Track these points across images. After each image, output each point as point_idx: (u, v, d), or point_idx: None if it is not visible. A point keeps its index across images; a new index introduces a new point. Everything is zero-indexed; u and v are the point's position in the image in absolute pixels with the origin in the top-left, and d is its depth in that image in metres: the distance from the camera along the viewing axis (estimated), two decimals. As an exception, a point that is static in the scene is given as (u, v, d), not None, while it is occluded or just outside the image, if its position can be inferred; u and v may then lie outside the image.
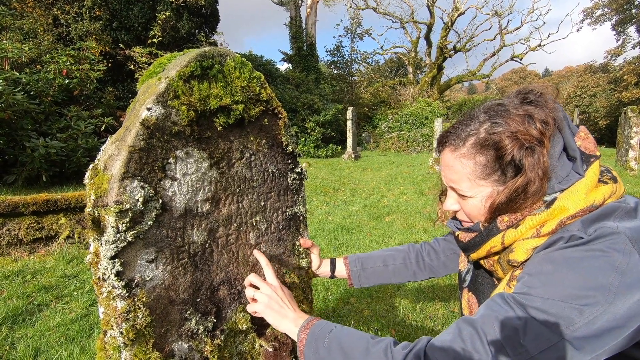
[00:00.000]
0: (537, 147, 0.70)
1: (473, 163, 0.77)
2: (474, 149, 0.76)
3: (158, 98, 0.82)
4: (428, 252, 1.22)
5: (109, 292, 0.79)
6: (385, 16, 24.19)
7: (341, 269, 1.26)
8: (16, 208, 3.09)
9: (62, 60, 5.78)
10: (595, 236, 0.64)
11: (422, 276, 1.23)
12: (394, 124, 17.91)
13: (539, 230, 0.72)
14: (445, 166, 0.84)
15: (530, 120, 0.72)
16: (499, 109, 0.76)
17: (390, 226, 4.56)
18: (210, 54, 0.91)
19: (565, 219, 0.69)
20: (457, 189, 0.82)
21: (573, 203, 0.69)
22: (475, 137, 0.76)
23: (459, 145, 0.79)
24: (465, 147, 0.78)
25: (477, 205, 0.80)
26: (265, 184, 1.09)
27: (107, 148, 0.86)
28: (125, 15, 8.92)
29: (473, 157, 0.77)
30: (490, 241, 0.78)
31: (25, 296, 2.46)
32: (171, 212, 0.87)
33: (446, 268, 1.21)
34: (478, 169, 0.77)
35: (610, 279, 0.60)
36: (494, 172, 0.75)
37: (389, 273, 1.23)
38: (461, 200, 0.85)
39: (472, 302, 0.91)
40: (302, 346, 0.84)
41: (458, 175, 0.80)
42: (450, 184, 0.84)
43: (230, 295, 1.02)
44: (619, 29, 24.28)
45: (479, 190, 0.78)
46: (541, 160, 0.70)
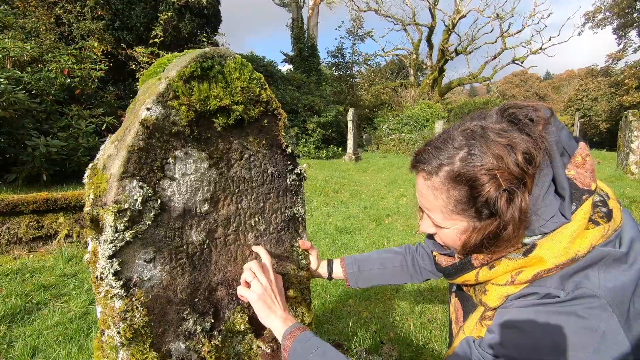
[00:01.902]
0: (516, 190, 0.63)
1: (446, 197, 0.70)
2: (447, 181, 0.69)
3: (158, 98, 0.83)
4: (422, 256, 1.22)
5: (106, 291, 0.79)
6: (387, 18, 24.22)
7: (338, 271, 1.26)
8: (16, 207, 3.09)
9: (63, 59, 5.79)
10: (572, 297, 0.60)
11: (419, 279, 1.23)
12: (394, 125, 17.91)
13: (514, 278, 0.67)
14: (418, 192, 0.78)
15: (512, 152, 0.63)
16: (478, 134, 0.67)
17: (390, 228, 4.55)
18: (211, 55, 0.91)
19: (542, 272, 0.64)
20: (431, 217, 0.77)
21: (553, 256, 0.63)
22: (449, 168, 0.68)
23: (432, 175, 0.71)
24: (438, 177, 0.70)
25: (451, 236, 0.76)
26: (265, 184, 1.09)
27: (107, 147, 0.87)
28: (128, 15, 8.94)
29: (446, 190, 0.69)
30: (464, 275, 0.77)
31: (24, 295, 2.46)
32: (170, 212, 0.87)
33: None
34: (451, 203, 0.70)
35: (584, 346, 0.57)
36: (468, 208, 0.69)
37: (386, 275, 1.24)
38: (437, 230, 0.80)
39: (457, 308, 0.91)
40: (286, 355, 0.86)
41: (431, 205, 0.74)
42: (425, 210, 0.79)
43: (229, 295, 1.02)
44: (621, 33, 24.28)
45: (453, 223, 0.73)
46: (520, 204, 0.63)
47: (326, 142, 14.66)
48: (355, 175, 9.60)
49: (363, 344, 1.97)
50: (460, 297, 0.90)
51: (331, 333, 2.08)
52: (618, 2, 22.79)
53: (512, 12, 22.64)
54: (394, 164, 11.83)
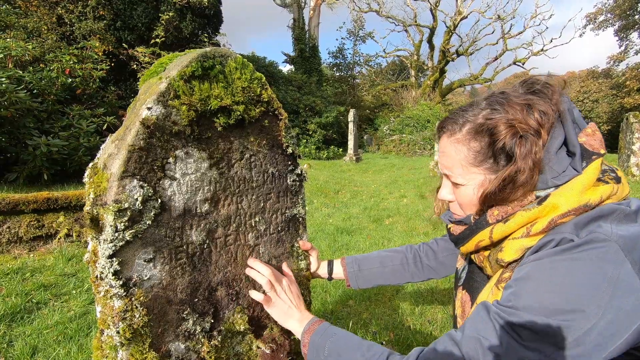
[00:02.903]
0: (532, 137, 0.68)
1: (467, 149, 0.76)
2: (469, 134, 0.75)
3: (158, 98, 0.83)
4: (426, 253, 1.22)
5: (106, 291, 0.79)
6: (388, 19, 24.24)
7: (338, 271, 1.26)
8: (17, 206, 3.09)
9: (65, 59, 5.80)
10: (586, 240, 0.61)
11: (420, 277, 1.22)
12: (395, 126, 17.92)
13: (529, 229, 0.69)
14: (441, 152, 0.84)
15: (530, 109, 0.70)
16: (500, 96, 0.75)
17: (391, 229, 4.55)
18: (212, 55, 0.91)
19: (556, 218, 0.66)
20: (451, 175, 0.81)
21: (566, 201, 0.66)
22: (472, 123, 0.75)
23: (455, 131, 0.78)
24: (461, 132, 0.77)
25: (469, 195, 0.78)
26: (265, 185, 1.09)
27: (107, 147, 0.86)
28: (129, 15, 8.96)
29: (467, 142, 0.75)
30: (478, 234, 0.76)
31: (24, 294, 2.46)
32: (170, 212, 0.87)
33: (445, 268, 1.20)
34: (471, 155, 0.75)
35: (600, 292, 0.58)
36: (486, 159, 0.74)
37: (387, 274, 1.23)
38: (455, 190, 0.83)
39: (465, 301, 0.90)
40: (306, 350, 0.87)
41: (452, 161, 0.79)
42: (445, 170, 0.83)
43: (228, 296, 1.02)
44: (622, 35, 24.27)
45: (471, 177, 0.77)
46: (534, 150, 0.68)
47: (327, 143, 14.67)
48: (356, 176, 9.60)
49: (363, 345, 1.97)
50: (469, 288, 0.89)
51: (331, 334, 2.08)
52: (619, 4, 22.79)
53: (514, 14, 22.67)
54: (394, 165, 11.83)
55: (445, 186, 0.87)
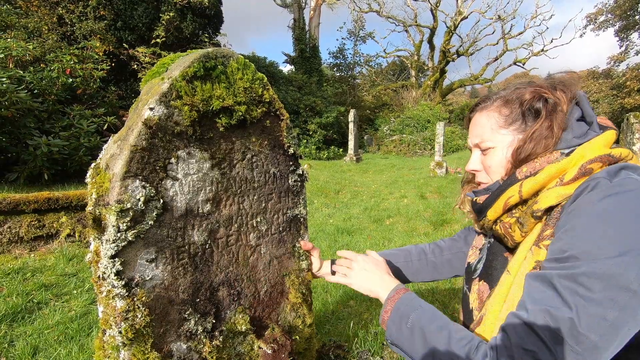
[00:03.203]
0: (556, 100, 0.78)
1: (497, 114, 0.85)
2: (500, 104, 0.85)
3: (161, 98, 0.83)
4: (432, 250, 1.21)
5: (108, 291, 0.79)
6: (389, 19, 24.25)
7: None
8: (17, 206, 3.09)
9: (66, 59, 5.80)
10: (623, 181, 0.63)
11: (424, 276, 1.21)
12: (396, 127, 17.92)
13: (562, 178, 0.72)
14: (472, 126, 0.92)
15: (552, 87, 0.81)
16: (528, 81, 0.86)
17: (391, 229, 4.55)
18: (214, 55, 0.91)
19: (585, 164, 0.69)
20: (481, 141, 0.87)
21: (591, 150, 0.71)
22: (503, 97, 0.86)
23: (487, 105, 0.88)
24: (492, 105, 0.87)
25: (498, 156, 0.84)
26: (267, 185, 1.09)
27: (109, 147, 0.87)
28: (130, 15, 8.96)
29: (498, 110, 0.85)
30: (507, 191, 0.77)
31: (25, 294, 2.46)
32: (172, 212, 0.87)
33: (451, 267, 1.19)
34: (501, 119, 0.84)
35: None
36: (515, 120, 0.82)
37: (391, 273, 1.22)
38: (483, 157, 0.88)
39: (482, 291, 0.88)
40: (387, 317, 0.86)
41: (482, 127, 0.87)
42: (475, 139, 0.89)
43: (230, 296, 1.02)
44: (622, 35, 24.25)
45: (501, 139, 0.83)
46: (558, 109, 0.77)
47: (327, 143, 14.67)
48: (356, 176, 9.60)
49: (364, 345, 1.97)
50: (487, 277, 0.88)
51: (332, 334, 2.08)
52: (620, 4, 22.78)
53: (514, 14, 22.66)
54: (395, 165, 11.83)
55: (473, 158, 0.93)
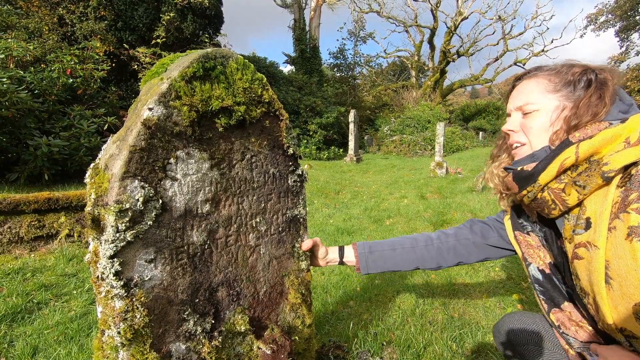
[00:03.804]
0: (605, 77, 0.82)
1: (547, 81, 0.87)
2: (550, 73, 0.88)
3: (160, 98, 0.83)
4: (438, 236, 1.23)
5: (107, 291, 0.79)
6: (389, 20, 24.26)
7: (350, 254, 1.26)
8: (18, 206, 3.10)
9: (66, 59, 5.81)
10: None
11: (430, 263, 1.22)
12: (396, 127, 17.92)
13: (627, 140, 0.72)
14: (516, 92, 0.93)
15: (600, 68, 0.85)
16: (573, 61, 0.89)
17: (391, 229, 4.55)
18: (213, 55, 0.91)
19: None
20: (525, 104, 0.89)
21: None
22: (553, 68, 0.89)
23: (537, 74, 0.90)
24: (543, 73, 0.89)
25: (542, 119, 0.86)
26: (266, 185, 1.09)
27: (109, 147, 0.87)
28: (130, 15, 8.97)
29: (548, 77, 0.88)
30: (563, 153, 0.77)
31: (25, 294, 2.46)
32: (171, 213, 0.87)
33: (455, 253, 1.20)
34: (551, 85, 0.86)
35: None
36: (564, 88, 0.85)
37: (397, 257, 1.23)
38: (524, 120, 0.90)
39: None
40: None
41: (530, 92, 0.89)
42: (518, 102, 0.91)
43: (229, 296, 1.02)
44: (623, 36, 24.24)
45: (547, 102, 0.86)
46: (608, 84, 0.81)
47: (327, 143, 14.67)
48: (357, 176, 9.60)
49: (364, 345, 1.96)
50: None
51: (332, 334, 2.08)
52: (620, 4, 22.77)
53: (514, 14, 22.66)
54: (395, 165, 11.82)
55: (512, 119, 0.94)
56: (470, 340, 2.04)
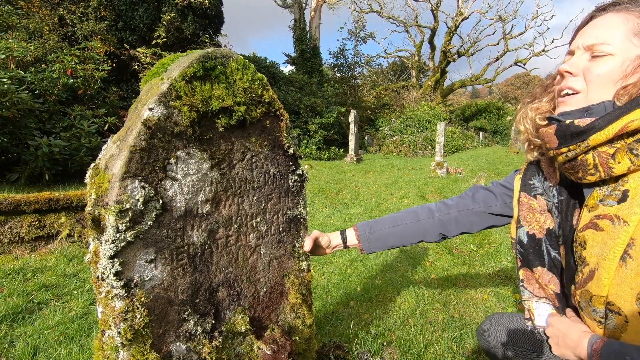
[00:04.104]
0: None
1: (639, 20, 0.70)
2: None
3: (160, 98, 0.83)
4: (439, 208, 1.19)
5: (107, 291, 0.79)
6: (389, 20, 24.25)
7: (352, 237, 1.28)
8: (18, 206, 3.10)
9: (67, 59, 5.81)
10: None
11: (432, 236, 1.19)
12: (396, 127, 17.91)
13: None
14: (594, 26, 0.75)
15: None
16: None
17: (392, 230, 4.54)
18: (213, 55, 0.91)
19: None
20: (598, 43, 0.72)
21: None
22: None
23: (630, 7, 0.72)
24: (637, 8, 0.71)
25: (613, 67, 0.70)
26: (266, 185, 1.09)
27: (109, 147, 0.86)
28: (130, 15, 8.98)
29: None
30: (630, 114, 0.65)
31: (26, 294, 2.47)
32: (171, 213, 0.87)
33: (457, 224, 1.16)
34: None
35: None
36: None
37: (398, 233, 1.21)
38: (590, 63, 0.74)
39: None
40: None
41: (611, 29, 0.71)
42: (590, 39, 0.74)
43: (230, 296, 1.02)
44: (624, 36, 24.22)
45: (628, 48, 0.69)
46: None
47: (328, 144, 14.67)
48: (357, 176, 9.60)
49: (364, 346, 1.96)
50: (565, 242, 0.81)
51: (332, 335, 2.07)
52: (621, 4, 22.72)
53: (515, 14, 22.64)
54: (395, 166, 11.82)
55: (575, 58, 0.77)
56: (470, 340, 2.04)
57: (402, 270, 3.07)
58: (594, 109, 0.71)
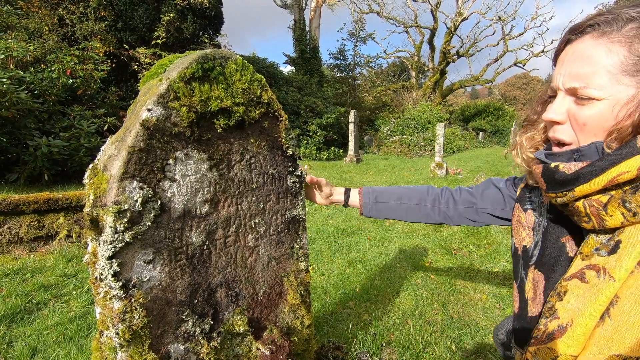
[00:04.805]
0: None
1: (626, 51, 0.58)
2: (635, 34, 0.58)
3: (159, 99, 0.83)
4: (447, 200, 1.17)
5: (105, 292, 0.79)
6: (389, 20, 24.27)
7: (355, 198, 1.27)
8: (17, 206, 3.10)
9: (66, 59, 5.81)
10: None
11: (433, 220, 1.20)
12: (396, 127, 17.92)
13: None
14: (574, 58, 0.64)
15: None
16: None
17: (391, 230, 4.54)
18: (212, 56, 0.91)
19: None
20: (582, 87, 0.62)
21: None
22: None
23: (612, 30, 0.60)
24: (620, 32, 0.59)
25: (603, 114, 0.60)
26: (265, 186, 1.09)
27: (107, 148, 0.86)
28: (130, 16, 8.98)
29: (629, 44, 0.58)
30: (621, 164, 0.56)
31: (24, 295, 2.46)
32: (170, 213, 0.87)
33: (460, 218, 1.15)
34: (630, 61, 0.58)
35: None
36: None
37: (401, 211, 1.21)
38: (577, 108, 0.64)
39: (538, 281, 0.74)
40: None
41: (594, 67, 0.60)
42: (573, 82, 0.63)
43: (228, 297, 1.02)
44: (623, 36, 24.25)
45: (617, 90, 0.59)
46: None
47: (327, 144, 14.67)
48: (356, 176, 9.60)
49: (363, 346, 1.96)
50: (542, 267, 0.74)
51: (331, 335, 2.07)
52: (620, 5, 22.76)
53: (514, 15, 22.67)
54: (395, 166, 11.83)
55: (558, 103, 0.67)
56: (469, 341, 2.04)
57: (401, 271, 3.07)
58: (584, 151, 0.64)
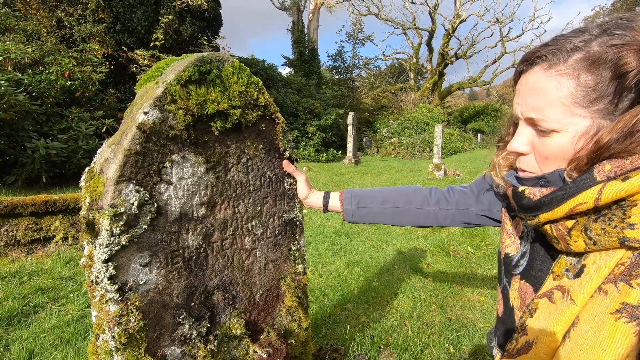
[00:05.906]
0: None
1: (575, 84, 0.58)
2: (581, 65, 0.58)
3: (155, 102, 0.83)
4: (437, 201, 1.09)
5: (101, 295, 0.79)
6: (387, 22, 24.33)
7: (335, 204, 1.15)
8: (15, 209, 3.09)
9: (64, 61, 5.81)
10: None
11: (423, 223, 1.12)
12: (394, 129, 17.95)
13: None
14: (528, 90, 0.65)
15: None
16: (619, 21, 0.57)
17: (389, 232, 4.54)
18: (209, 59, 0.91)
19: None
20: (540, 119, 0.63)
21: None
22: (585, 51, 0.58)
23: (559, 61, 0.60)
24: (567, 63, 0.59)
25: (563, 145, 0.61)
26: (262, 188, 1.09)
27: (104, 151, 0.87)
28: (129, 18, 8.98)
29: (576, 76, 0.58)
30: (579, 196, 0.57)
31: (21, 297, 2.45)
32: (166, 216, 0.87)
33: (452, 220, 1.08)
34: (580, 92, 0.58)
35: None
36: (601, 98, 0.57)
37: (387, 215, 1.12)
38: (538, 140, 0.65)
39: (526, 292, 0.73)
40: None
41: (547, 99, 0.61)
42: (529, 113, 0.64)
43: (225, 300, 1.02)
44: (620, 38, 24.37)
45: (572, 122, 0.60)
46: None
47: (326, 146, 14.68)
48: (355, 178, 9.60)
49: (361, 348, 1.96)
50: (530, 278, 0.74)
51: (329, 337, 2.07)
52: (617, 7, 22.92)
53: (512, 17, 22.75)
54: (393, 167, 11.84)
55: (521, 134, 0.68)
56: (467, 342, 2.04)
57: (399, 273, 3.07)
58: (549, 177, 0.65)
